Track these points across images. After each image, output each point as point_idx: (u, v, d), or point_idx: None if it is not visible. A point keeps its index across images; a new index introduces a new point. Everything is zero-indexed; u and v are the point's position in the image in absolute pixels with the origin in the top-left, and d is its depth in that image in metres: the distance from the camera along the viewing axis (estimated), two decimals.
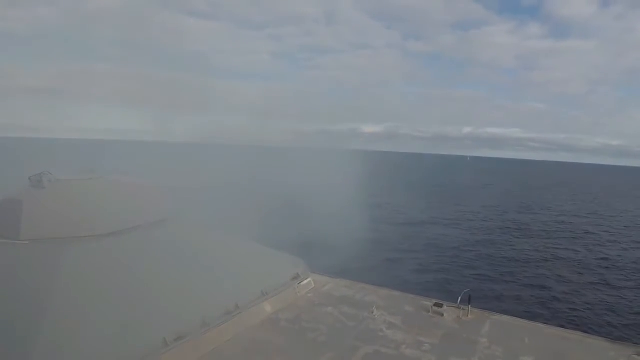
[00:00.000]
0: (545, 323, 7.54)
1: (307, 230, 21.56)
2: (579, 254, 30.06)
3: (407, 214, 40.84)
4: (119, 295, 5.70)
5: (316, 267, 8.92)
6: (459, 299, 7.57)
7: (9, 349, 4.66)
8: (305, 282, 8.25)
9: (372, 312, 7.28)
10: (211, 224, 9.19)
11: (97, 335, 5.06)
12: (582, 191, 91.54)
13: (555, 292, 21.06)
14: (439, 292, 8.85)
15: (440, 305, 7.59)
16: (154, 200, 7.90)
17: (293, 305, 7.46)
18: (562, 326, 7.40)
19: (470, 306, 7.52)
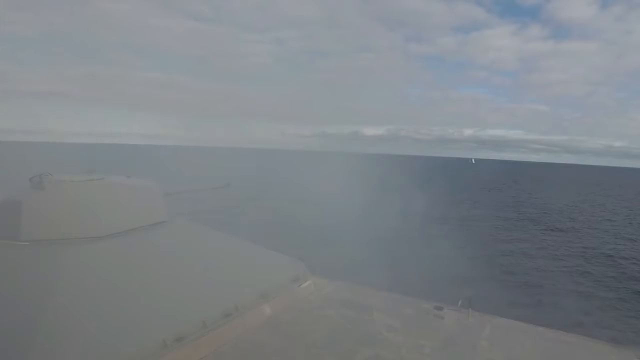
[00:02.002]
0: (547, 326, 7.50)
1: None
2: (583, 255, 29.95)
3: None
4: (119, 297, 5.71)
5: (317, 269, 8.90)
6: (460, 302, 7.54)
7: (8, 351, 4.66)
8: (306, 284, 8.23)
9: (372, 315, 7.26)
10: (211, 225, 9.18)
11: (96, 337, 5.06)
12: (590, 192, 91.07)
13: (558, 294, 20.98)
14: (440, 294, 8.80)
15: (441, 308, 7.56)
16: (154, 202, 7.90)
17: (293, 308, 7.44)
18: (564, 329, 7.35)
19: (470, 309, 7.49)
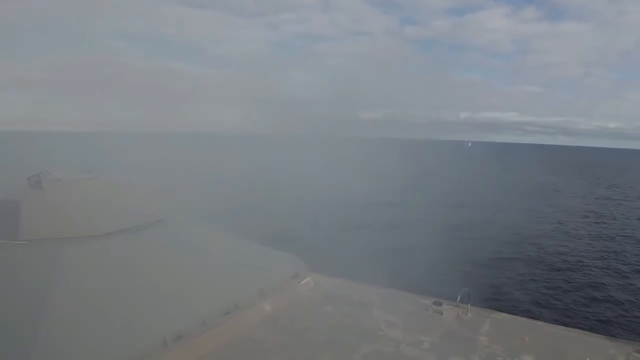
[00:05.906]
0: (545, 321, 7.56)
1: None
2: (582, 251, 29.82)
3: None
4: (118, 296, 5.72)
5: (315, 266, 8.92)
6: (459, 297, 7.57)
7: (8, 350, 4.68)
8: (305, 281, 8.26)
9: (372, 311, 7.29)
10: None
11: (96, 336, 5.08)
12: (595, 177, 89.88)
13: (557, 289, 20.99)
14: (439, 290, 8.85)
15: (440, 304, 7.60)
16: (153, 200, 7.88)
17: (292, 305, 7.48)
18: (562, 324, 7.41)
19: (469, 304, 7.53)
